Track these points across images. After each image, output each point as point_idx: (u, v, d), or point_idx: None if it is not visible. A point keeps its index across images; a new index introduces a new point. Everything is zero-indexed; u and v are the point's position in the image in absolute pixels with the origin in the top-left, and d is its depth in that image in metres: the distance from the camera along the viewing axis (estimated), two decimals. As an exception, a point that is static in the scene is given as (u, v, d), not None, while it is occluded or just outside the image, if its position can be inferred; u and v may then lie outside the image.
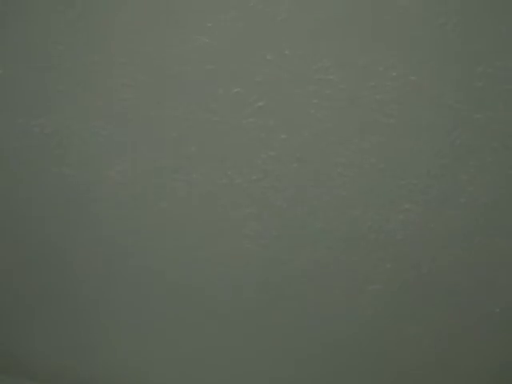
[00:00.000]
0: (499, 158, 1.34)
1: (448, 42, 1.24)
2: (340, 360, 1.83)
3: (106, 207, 1.57)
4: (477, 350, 1.69)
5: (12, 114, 1.44)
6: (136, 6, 1.28)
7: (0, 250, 1.71)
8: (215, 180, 1.47)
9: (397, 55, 1.25)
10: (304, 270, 1.60)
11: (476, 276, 1.53)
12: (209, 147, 1.42)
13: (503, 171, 1.36)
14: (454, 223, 1.45)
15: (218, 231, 1.56)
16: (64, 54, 1.34)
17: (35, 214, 1.61)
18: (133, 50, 1.33)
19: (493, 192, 1.39)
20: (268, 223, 1.53)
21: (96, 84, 1.36)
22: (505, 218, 1.42)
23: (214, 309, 1.75)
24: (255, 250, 1.58)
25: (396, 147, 1.35)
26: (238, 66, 1.30)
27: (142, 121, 1.40)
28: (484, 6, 1.20)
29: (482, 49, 1.23)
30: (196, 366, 1.96)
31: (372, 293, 1.62)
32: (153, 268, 1.68)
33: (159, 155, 1.45)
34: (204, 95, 1.34)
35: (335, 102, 1.31)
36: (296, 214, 1.50)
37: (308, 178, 1.43)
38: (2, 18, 1.29)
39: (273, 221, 1.52)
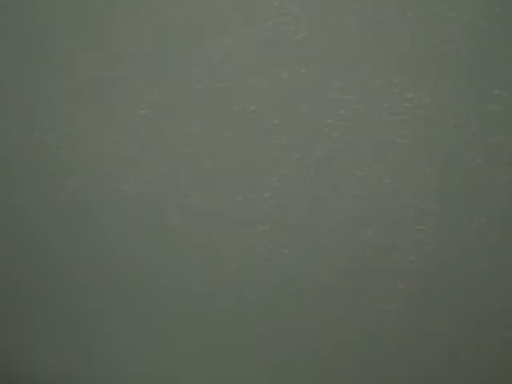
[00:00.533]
0: (514, 181, 1.33)
1: (464, 65, 1.23)
2: (352, 379, 1.82)
3: (118, 220, 1.58)
4: (489, 371, 1.68)
5: (27, 126, 1.46)
6: (152, 23, 1.30)
7: (9, 260, 1.73)
8: (228, 197, 1.48)
9: (412, 77, 1.25)
10: (316, 288, 1.60)
11: (490, 298, 1.52)
12: (223, 164, 1.42)
13: (518, 195, 1.35)
14: (467, 245, 1.45)
15: (230, 248, 1.57)
16: (79, 68, 1.35)
17: (47, 226, 1.63)
18: (148, 66, 1.34)
19: (507, 215, 1.38)
20: (280, 241, 1.53)
21: (111, 98, 1.38)
22: (519, 241, 1.41)
23: (223, 324, 1.75)
24: (267, 267, 1.58)
25: (410, 168, 1.35)
26: (253, 84, 1.30)
27: (156, 136, 1.41)
28: (500, 31, 1.20)
29: (498, 72, 1.23)
30: (201, 376, 1.96)
31: (385, 312, 1.61)
32: (162, 282, 1.69)
33: (173, 170, 1.46)
34: (219, 112, 1.35)
35: (350, 122, 1.31)
36: (309, 233, 1.50)
37: (321, 197, 1.43)
38: (14, 29, 1.31)
39: (285, 239, 1.52)
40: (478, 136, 1.30)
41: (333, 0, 1.27)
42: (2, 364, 2.08)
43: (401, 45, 1.26)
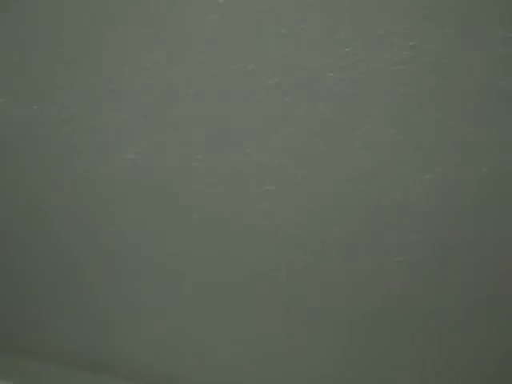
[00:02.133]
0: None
1: (465, 10, 1.21)
2: (366, 331, 1.83)
3: (117, 193, 1.57)
4: (499, 325, 1.68)
5: (26, 100, 1.44)
6: (146, -14, 1.26)
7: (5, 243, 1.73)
8: (233, 159, 1.46)
9: (413, 25, 1.22)
10: (327, 243, 1.59)
11: (502, 246, 1.52)
12: (225, 126, 1.41)
13: (526, 138, 1.33)
14: (476, 194, 1.43)
15: (236, 209, 1.56)
16: (76, 41, 1.33)
17: (46, 202, 1.62)
18: (146, 31, 1.31)
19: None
20: (287, 199, 1.52)
21: (111, 67, 1.35)
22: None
23: (230, 290, 1.75)
24: (274, 226, 1.58)
25: (415, 117, 1.33)
26: (251, 42, 1.28)
27: (158, 102, 1.39)
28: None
29: (500, 16, 1.20)
30: (207, 358, 1.98)
31: (397, 265, 1.61)
32: (170, 250, 1.68)
33: (176, 136, 1.44)
34: (219, 73, 1.33)
35: (352, 74, 1.29)
36: (316, 189, 1.49)
37: (328, 153, 1.42)
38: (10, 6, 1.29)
39: (292, 197, 1.51)
40: (484, 80, 1.27)
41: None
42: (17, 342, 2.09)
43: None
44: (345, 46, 1.26)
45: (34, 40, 1.33)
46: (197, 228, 1.63)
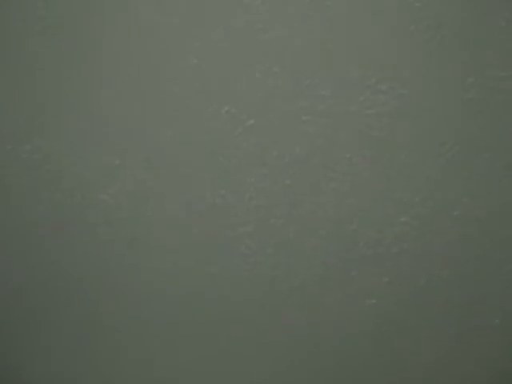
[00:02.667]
0: (493, 168, 1.34)
1: (436, 54, 1.23)
2: (337, 373, 1.82)
3: (98, 230, 1.56)
4: (475, 363, 1.68)
5: (0, 140, 1.44)
6: (124, 27, 1.28)
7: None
8: (208, 200, 1.46)
9: (386, 69, 1.25)
10: (301, 286, 1.59)
11: (473, 288, 1.53)
12: (201, 167, 1.41)
13: (497, 181, 1.35)
14: (449, 236, 1.45)
15: (212, 251, 1.55)
16: (53, 78, 1.33)
17: (27, 239, 1.60)
18: (121, 72, 1.32)
19: (487, 203, 1.39)
20: (263, 241, 1.52)
21: (85, 107, 1.36)
22: (501, 229, 1.42)
23: (209, 327, 1.73)
24: (251, 268, 1.57)
25: (389, 160, 1.35)
26: (227, 85, 1.29)
27: (133, 142, 1.39)
28: (471, 17, 1.20)
29: (471, 60, 1.23)
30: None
31: (370, 307, 1.61)
32: (142, 291, 1.67)
33: (151, 176, 1.44)
34: (194, 115, 1.33)
35: (326, 117, 1.30)
36: (292, 232, 1.49)
37: (302, 194, 1.43)
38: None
39: (268, 239, 1.51)
40: (455, 125, 1.30)
41: (303, -5, 1.26)
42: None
43: (373, 36, 1.25)
44: (320, 89, 1.28)
45: (8, 81, 1.34)
46: (171, 271, 1.61)
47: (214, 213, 1.48)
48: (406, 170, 1.36)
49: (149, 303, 1.70)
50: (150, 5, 1.30)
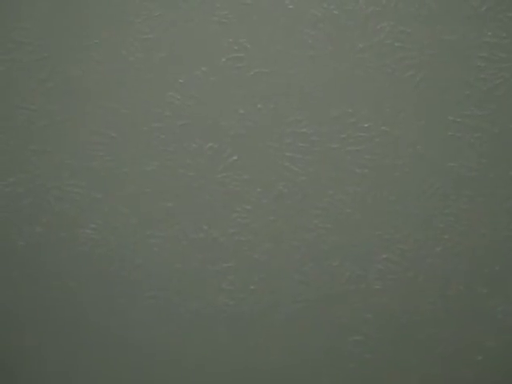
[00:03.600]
0: (474, 202, 1.35)
1: (417, 92, 1.25)
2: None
3: (80, 265, 1.55)
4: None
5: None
6: (107, 63, 1.29)
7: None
8: (191, 235, 1.46)
9: (367, 106, 1.26)
10: (283, 322, 1.59)
11: (457, 325, 1.53)
12: (184, 202, 1.41)
13: (478, 218, 1.36)
14: (431, 272, 1.45)
15: (195, 286, 1.55)
16: (35, 112, 1.34)
17: (4, 274, 1.59)
18: (105, 108, 1.33)
19: (468, 239, 1.39)
20: (246, 277, 1.51)
21: (69, 142, 1.36)
22: (483, 265, 1.42)
23: (191, 365, 1.72)
24: (234, 304, 1.57)
25: (371, 197, 1.36)
26: (210, 121, 1.30)
27: (116, 177, 1.39)
28: (450, 58, 1.22)
29: (451, 99, 1.25)
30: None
31: (353, 344, 1.60)
32: (126, 327, 1.66)
33: (134, 211, 1.44)
34: (178, 151, 1.34)
35: (309, 154, 1.31)
36: (274, 268, 1.49)
37: (284, 231, 1.43)
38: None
39: (250, 274, 1.51)
40: (436, 161, 1.31)
41: (285, 34, 1.28)
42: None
43: (354, 75, 1.27)
44: (302, 127, 1.29)
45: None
46: (154, 305, 1.61)
47: (196, 248, 1.48)
48: (388, 206, 1.37)
49: (128, 343, 1.69)
50: (134, 41, 1.31)
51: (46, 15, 1.32)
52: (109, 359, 1.73)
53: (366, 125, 1.28)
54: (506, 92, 1.27)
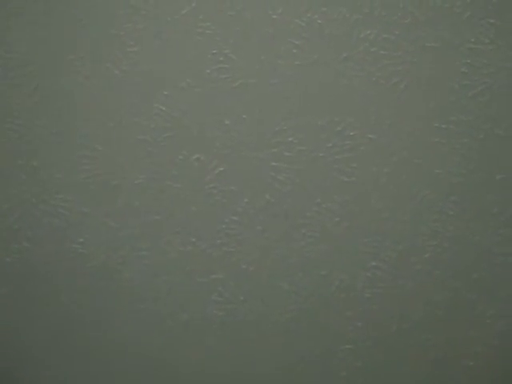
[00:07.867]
0: (461, 209, 1.35)
1: (402, 99, 1.26)
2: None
3: (67, 279, 1.55)
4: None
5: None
6: (92, 77, 1.29)
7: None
8: (179, 247, 1.46)
9: (353, 115, 1.27)
10: (273, 332, 1.58)
11: (446, 331, 1.53)
12: (172, 215, 1.41)
13: (466, 224, 1.37)
14: (420, 278, 1.45)
15: (184, 299, 1.55)
16: (21, 127, 1.33)
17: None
18: (91, 121, 1.33)
19: (456, 245, 1.40)
20: (235, 288, 1.51)
21: (55, 156, 1.36)
22: (472, 271, 1.43)
23: (181, 377, 1.71)
24: (223, 315, 1.56)
25: (358, 205, 1.36)
26: (196, 133, 1.30)
27: (104, 191, 1.39)
28: (433, 65, 1.23)
29: (435, 105, 1.26)
30: None
31: (344, 352, 1.60)
32: (117, 340, 1.65)
33: (122, 225, 1.44)
34: (164, 163, 1.34)
35: (295, 163, 1.32)
36: (263, 278, 1.49)
37: (272, 240, 1.43)
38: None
39: (240, 285, 1.51)
40: (423, 168, 1.32)
41: (270, 43, 1.29)
42: None
43: (340, 83, 1.27)
44: (288, 136, 1.29)
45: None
46: (144, 318, 1.60)
47: (185, 260, 1.48)
48: (375, 213, 1.37)
49: (118, 355, 1.68)
50: (119, 54, 1.32)
51: (31, 29, 1.33)
52: (98, 372, 1.72)
53: (351, 133, 1.28)
54: (490, 98, 1.28)
